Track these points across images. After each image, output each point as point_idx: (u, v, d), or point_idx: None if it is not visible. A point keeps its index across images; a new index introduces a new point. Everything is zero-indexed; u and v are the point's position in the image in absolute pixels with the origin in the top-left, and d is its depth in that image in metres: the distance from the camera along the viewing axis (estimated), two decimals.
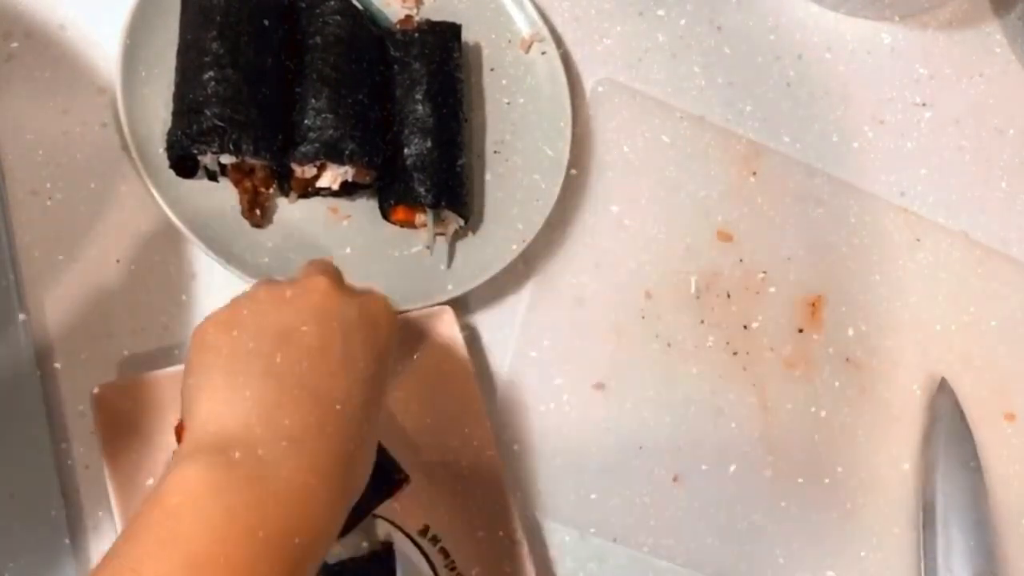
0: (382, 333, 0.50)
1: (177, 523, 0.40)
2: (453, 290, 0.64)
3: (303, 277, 0.50)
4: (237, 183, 0.63)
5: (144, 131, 0.61)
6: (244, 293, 0.49)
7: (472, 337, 0.67)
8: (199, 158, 0.61)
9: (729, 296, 0.71)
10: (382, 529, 0.60)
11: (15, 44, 0.64)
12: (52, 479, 0.57)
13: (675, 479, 0.66)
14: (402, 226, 0.66)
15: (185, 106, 0.60)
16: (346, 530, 0.57)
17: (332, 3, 0.65)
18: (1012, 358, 0.73)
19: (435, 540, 0.62)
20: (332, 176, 0.63)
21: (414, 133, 0.65)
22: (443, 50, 0.67)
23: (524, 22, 0.72)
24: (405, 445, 0.63)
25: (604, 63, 0.75)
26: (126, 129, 0.61)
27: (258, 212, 0.63)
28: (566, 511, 0.64)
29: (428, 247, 0.65)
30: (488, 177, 0.69)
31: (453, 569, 0.62)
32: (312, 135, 0.62)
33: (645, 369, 0.68)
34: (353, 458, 0.46)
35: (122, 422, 0.57)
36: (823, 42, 0.79)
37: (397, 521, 0.62)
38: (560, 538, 0.64)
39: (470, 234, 0.67)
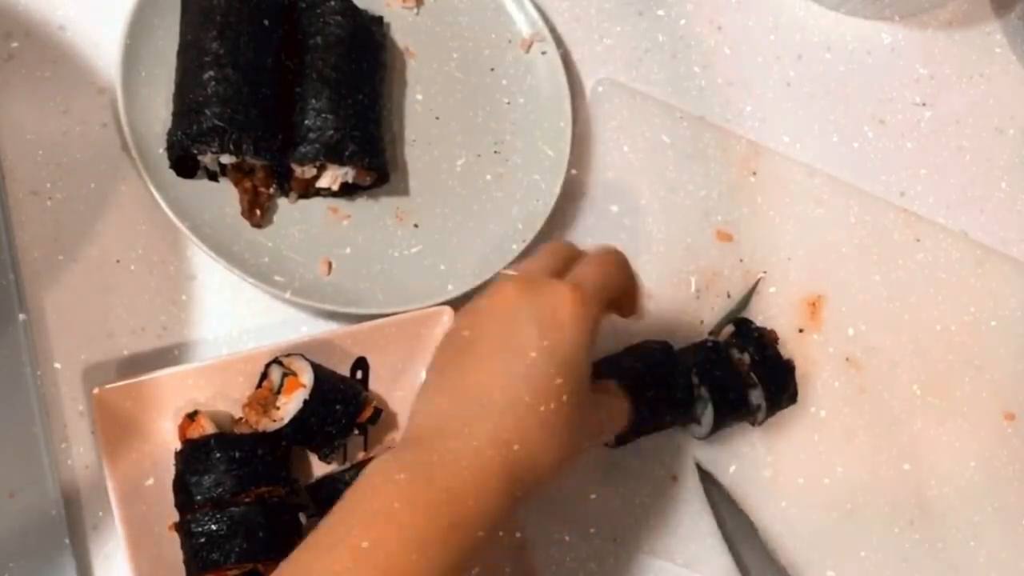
0: (562, 335, 0.50)
1: (370, 501, 0.46)
2: (453, 290, 0.64)
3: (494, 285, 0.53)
4: (237, 183, 0.63)
5: (144, 131, 0.61)
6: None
7: None
8: (199, 158, 0.61)
9: (729, 296, 0.71)
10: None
11: (15, 44, 0.64)
12: (52, 479, 0.57)
13: (675, 479, 0.66)
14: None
15: (185, 106, 0.60)
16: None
17: (332, 3, 0.65)
18: (1012, 358, 0.73)
19: None
20: (332, 176, 0.63)
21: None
22: None
23: (524, 22, 0.72)
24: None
25: (604, 63, 0.75)
26: (126, 129, 0.61)
27: (258, 212, 0.63)
28: (566, 511, 0.64)
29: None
30: (488, 177, 0.69)
31: None
32: (312, 135, 0.62)
33: None
34: (517, 456, 0.49)
35: (122, 422, 0.57)
36: (823, 42, 0.79)
37: None
38: (560, 538, 0.63)
39: (471, 234, 0.67)
